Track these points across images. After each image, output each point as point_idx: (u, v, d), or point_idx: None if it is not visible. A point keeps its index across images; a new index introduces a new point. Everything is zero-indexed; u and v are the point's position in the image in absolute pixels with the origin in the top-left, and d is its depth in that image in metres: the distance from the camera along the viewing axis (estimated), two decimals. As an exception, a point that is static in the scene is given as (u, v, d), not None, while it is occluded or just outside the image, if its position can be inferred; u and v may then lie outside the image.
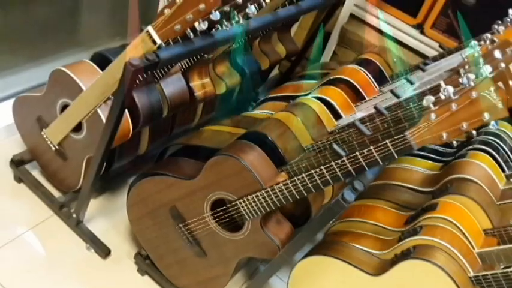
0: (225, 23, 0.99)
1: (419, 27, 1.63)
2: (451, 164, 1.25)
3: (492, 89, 0.78)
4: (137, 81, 1.02)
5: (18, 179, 1.30)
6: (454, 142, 0.82)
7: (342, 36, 1.74)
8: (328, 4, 1.43)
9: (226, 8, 0.96)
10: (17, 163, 1.28)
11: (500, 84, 0.84)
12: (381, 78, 1.43)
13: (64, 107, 1.12)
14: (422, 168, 1.32)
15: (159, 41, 0.91)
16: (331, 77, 1.37)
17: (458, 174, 1.18)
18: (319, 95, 1.28)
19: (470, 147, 1.28)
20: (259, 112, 1.37)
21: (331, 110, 1.26)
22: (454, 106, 0.80)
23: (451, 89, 0.81)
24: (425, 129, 0.82)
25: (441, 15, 1.56)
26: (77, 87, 1.06)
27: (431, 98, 0.82)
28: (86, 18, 1.63)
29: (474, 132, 0.81)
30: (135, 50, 0.93)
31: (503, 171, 1.26)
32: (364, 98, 1.34)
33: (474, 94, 0.78)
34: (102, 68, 1.06)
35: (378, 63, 1.49)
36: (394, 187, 1.29)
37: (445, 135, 0.81)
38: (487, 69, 0.86)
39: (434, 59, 1.39)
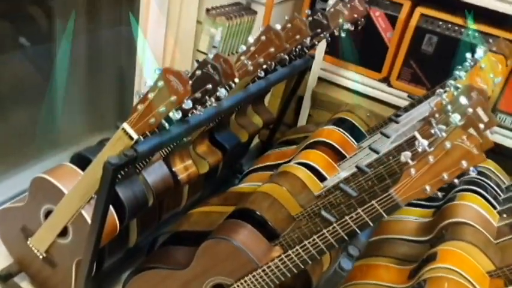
0: (199, 108, 1.02)
1: (386, 80, 1.69)
2: (442, 208, 1.25)
3: (464, 137, 0.80)
4: (119, 177, 1.02)
5: (8, 294, 1.25)
6: (439, 193, 0.83)
7: (314, 98, 1.79)
8: (295, 73, 1.48)
9: (198, 95, 0.99)
10: (4, 278, 1.23)
11: (471, 130, 0.86)
12: (357, 135, 1.47)
13: (48, 213, 1.11)
14: (414, 217, 1.32)
15: (135, 136, 0.92)
16: (311, 141, 1.39)
17: (451, 218, 1.18)
18: (301, 161, 1.30)
19: (458, 188, 1.29)
20: (245, 185, 1.37)
21: (315, 173, 1.27)
22: (431, 158, 0.81)
23: (425, 142, 0.83)
24: (407, 185, 0.83)
25: (404, 67, 1.63)
26: (59, 192, 1.05)
27: (408, 154, 0.84)
28: (63, 119, 1.66)
29: (456, 180, 0.82)
30: (113, 148, 0.94)
31: (494, 208, 1.26)
32: (345, 157, 1.36)
33: (448, 145, 0.80)
34: (83, 168, 1.06)
35: (352, 120, 1.53)
36: (391, 241, 1.27)
37: (428, 188, 0.82)
38: (456, 118, 0.89)
39: (406, 109, 1.44)
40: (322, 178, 1.27)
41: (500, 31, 1.48)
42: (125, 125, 0.93)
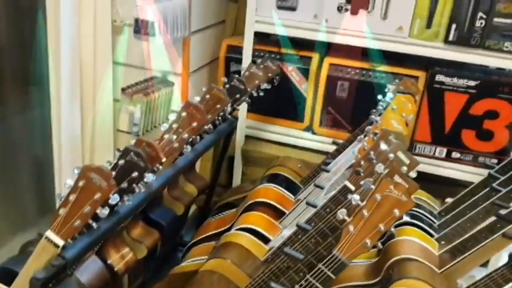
0: (126, 198, 0.97)
1: (309, 129, 1.75)
2: (385, 247, 1.28)
3: (391, 187, 0.83)
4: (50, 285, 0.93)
5: None
6: (379, 244, 0.85)
7: (245, 156, 1.80)
8: (222, 137, 1.49)
9: (124, 185, 0.95)
10: None
11: (396, 177, 0.90)
12: (292, 187, 1.49)
13: None
14: (361, 260, 1.33)
15: (61, 243, 0.86)
16: (248, 203, 1.38)
17: (395, 256, 1.20)
18: (242, 226, 1.28)
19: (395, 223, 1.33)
20: (188, 263, 1.32)
21: (258, 236, 1.26)
22: (365, 212, 0.83)
23: (357, 196, 0.86)
24: (349, 243, 0.84)
25: (324, 114, 1.70)
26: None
27: (344, 211, 0.86)
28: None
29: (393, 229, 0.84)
30: (38, 259, 0.86)
31: (432, 236, 1.31)
32: (285, 213, 1.36)
33: (378, 197, 0.82)
34: (8, 283, 0.96)
35: (285, 174, 1.55)
36: (344, 290, 1.27)
37: (368, 242, 0.83)
38: (380, 168, 0.92)
39: (333, 155, 1.48)
40: (266, 240, 1.26)
41: (402, 69, 1.61)
42: (49, 233, 0.86)
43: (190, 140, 1.18)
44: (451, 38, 1.49)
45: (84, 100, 1.56)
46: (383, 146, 1.03)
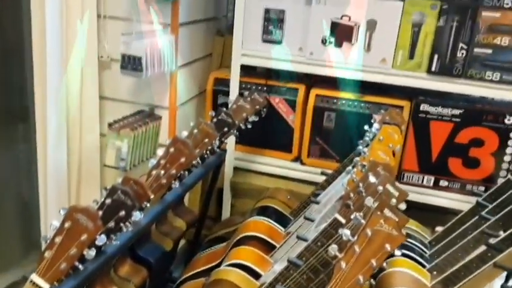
0: (114, 237, 0.95)
1: (298, 159, 1.75)
2: (377, 279, 1.26)
3: (382, 221, 0.82)
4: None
5: None
6: (372, 281, 0.84)
7: (234, 188, 1.79)
8: (210, 170, 1.48)
9: (111, 224, 0.93)
10: None
11: (386, 211, 0.89)
12: (282, 220, 1.47)
13: None
14: (354, 293, 1.31)
15: (47, 287, 0.83)
16: (239, 237, 1.36)
17: (389, 288, 1.19)
18: (233, 261, 1.26)
19: (387, 255, 1.32)
20: (178, 302, 1.29)
21: (249, 271, 1.24)
22: (356, 248, 0.82)
23: (347, 232, 0.85)
24: (341, 280, 0.82)
25: (311, 144, 1.71)
26: None
27: (335, 247, 0.85)
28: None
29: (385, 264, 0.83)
30: (22, 305, 0.83)
31: (424, 266, 1.30)
32: (275, 247, 1.34)
33: (369, 232, 0.82)
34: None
35: (274, 206, 1.54)
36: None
37: (361, 278, 0.82)
38: (370, 201, 0.92)
39: (323, 186, 1.48)
40: (257, 275, 1.23)
41: (387, 99, 1.63)
42: (34, 277, 0.83)
43: (178, 175, 1.17)
44: (433, 68, 1.52)
45: (70, 136, 1.55)
46: (372, 179, 1.03)
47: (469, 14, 1.45)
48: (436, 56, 1.51)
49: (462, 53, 1.49)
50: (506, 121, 1.51)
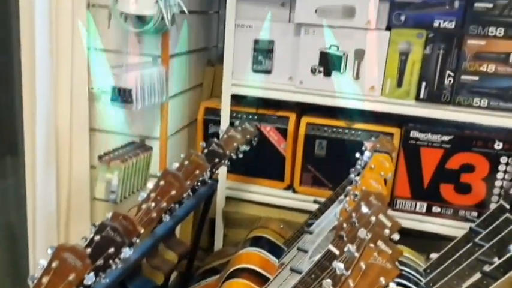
0: (103, 275, 0.93)
1: (290, 188, 1.74)
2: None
3: (375, 254, 0.81)
4: None
5: None
6: (368, 315, 0.82)
7: (226, 218, 1.77)
8: (202, 200, 1.47)
9: (100, 262, 0.91)
10: None
11: (379, 243, 0.88)
12: (275, 250, 1.45)
13: None
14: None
15: (32, 331, 0.80)
16: (232, 269, 1.34)
17: (385, 320, 1.17)
18: (225, 295, 1.23)
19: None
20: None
21: (242, 305, 1.21)
22: (351, 283, 0.81)
23: (341, 265, 0.84)
24: (336, 316, 0.81)
25: (304, 172, 1.71)
26: None
27: (329, 282, 0.83)
28: None
29: (379, 298, 0.82)
30: None
31: (419, 295, 1.29)
32: (269, 278, 1.32)
33: (363, 265, 0.81)
34: None
35: (267, 236, 1.52)
36: None
37: (356, 314, 0.81)
38: (363, 233, 0.91)
39: (315, 215, 1.47)
40: (250, 310, 1.21)
41: (377, 126, 1.64)
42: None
43: (169, 208, 1.15)
44: (422, 95, 1.54)
45: (59, 169, 1.53)
46: (364, 209, 1.02)
47: (454, 42, 1.48)
48: (424, 84, 1.53)
49: (449, 80, 1.51)
50: (495, 146, 1.53)
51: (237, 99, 1.71)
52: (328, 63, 1.59)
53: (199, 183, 1.32)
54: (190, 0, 1.70)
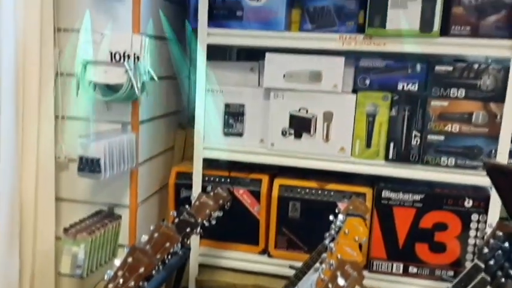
0: None
1: (265, 252, 1.70)
2: None
3: (353, 335, 0.78)
4: None
5: None
6: None
7: (200, 287, 1.70)
8: (173, 271, 1.41)
9: None
10: None
11: (357, 320, 0.86)
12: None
13: None
14: None
15: None
16: None
17: None
18: None
19: None
20: None
21: None
22: None
23: None
24: None
25: (278, 235, 1.68)
26: None
27: None
28: None
29: None
30: None
31: None
32: None
33: None
34: None
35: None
36: None
37: None
38: (339, 310, 0.88)
39: (292, 282, 1.42)
40: None
41: (350, 186, 1.64)
42: None
43: (137, 286, 1.10)
44: (391, 155, 1.56)
45: (23, 242, 1.45)
46: (341, 281, 0.99)
47: (419, 103, 1.53)
48: (392, 144, 1.56)
49: (416, 141, 1.54)
50: (466, 204, 1.54)
51: (209, 162, 1.69)
52: (298, 126, 1.61)
53: (170, 256, 1.27)
54: (161, 65, 1.72)
